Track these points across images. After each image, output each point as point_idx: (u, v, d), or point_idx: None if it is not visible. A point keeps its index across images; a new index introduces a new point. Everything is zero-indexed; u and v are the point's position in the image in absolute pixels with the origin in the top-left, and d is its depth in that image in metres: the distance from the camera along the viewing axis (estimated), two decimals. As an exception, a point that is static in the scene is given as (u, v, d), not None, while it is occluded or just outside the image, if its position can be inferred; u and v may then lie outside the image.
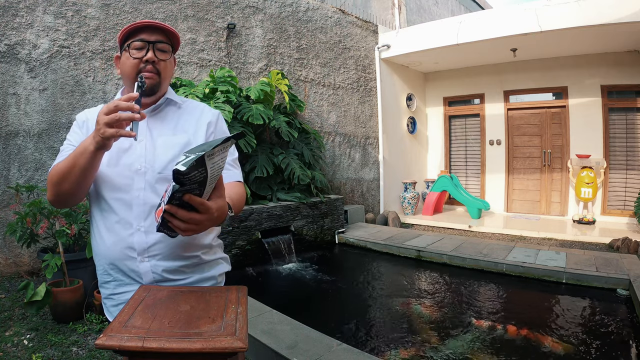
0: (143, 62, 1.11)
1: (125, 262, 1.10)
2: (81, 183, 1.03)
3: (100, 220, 1.13)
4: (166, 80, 1.17)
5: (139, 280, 1.11)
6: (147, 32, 1.12)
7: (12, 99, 3.56)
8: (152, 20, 1.13)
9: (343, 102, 6.48)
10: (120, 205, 1.10)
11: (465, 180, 7.75)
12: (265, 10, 5.43)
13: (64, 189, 1.03)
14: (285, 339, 2.32)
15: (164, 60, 1.14)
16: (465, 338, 2.69)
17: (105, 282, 1.16)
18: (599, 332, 2.75)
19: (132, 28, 1.11)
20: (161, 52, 1.13)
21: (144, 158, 1.11)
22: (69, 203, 1.10)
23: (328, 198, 5.21)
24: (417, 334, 2.78)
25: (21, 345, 2.42)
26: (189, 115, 1.21)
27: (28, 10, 3.61)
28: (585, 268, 3.68)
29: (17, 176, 3.57)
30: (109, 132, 0.90)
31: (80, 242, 3.04)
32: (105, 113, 0.91)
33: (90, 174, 1.03)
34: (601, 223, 6.09)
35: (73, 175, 1.00)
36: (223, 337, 0.80)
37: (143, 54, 1.11)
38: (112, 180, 1.10)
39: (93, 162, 0.99)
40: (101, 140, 0.92)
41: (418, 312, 3.18)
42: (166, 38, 1.15)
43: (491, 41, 5.73)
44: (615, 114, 6.24)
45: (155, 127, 1.16)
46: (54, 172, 1.04)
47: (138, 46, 1.11)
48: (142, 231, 1.09)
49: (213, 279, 1.21)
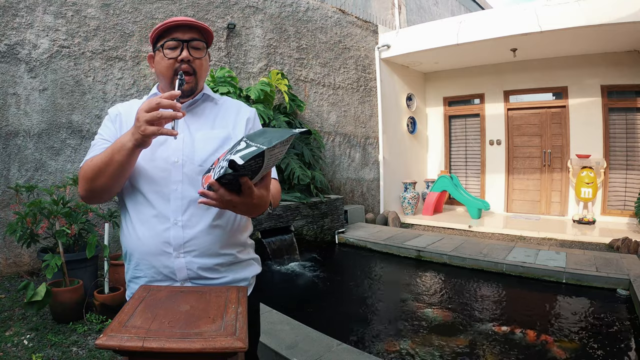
0: (178, 61, 1.09)
1: (160, 258, 1.07)
2: (117, 179, 1.01)
3: (134, 213, 1.10)
4: (202, 78, 1.16)
5: (172, 277, 1.08)
6: (180, 30, 1.10)
7: (12, 99, 3.56)
8: (185, 18, 1.11)
9: (343, 102, 6.48)
10: (157, 199, 1.07)
11: (465, 180, 7.75)
12: (265, 10, 5.43)
13: (99, 184, 1.01)
14: (285, 338, 2.32)
15: (199, 59, 1.12)
16: (466, 338, 2.69)
17: (135, 277, 1.13)
18: (599, 332, 2.75)
19: (164, 27, 1.10)
20: (196, 50, 1.12)
21: (182, 151, 1.09)
22: (102, 198, 1.08)
23: (328, 198, 5.21)
24: (417, 333, 2.78)
25: (21, 345, 2.42)
26: (227, 111, 1.20)
27: (28, 10, 3.61)
28: (586, 268, 3.68)
29: (17, 176, 3.57)
30: (149, 130, 0.89)
31: (80, 242, 3.04)
32: (146, 110, 0.89)
33: (127, 171, 1.01)
34: (601, 223, 6.09)
35: (109, 171, 0.98)
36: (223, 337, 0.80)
37: (177, 53, 1.09)
38: (148, 174, 1.07)
39: (130, 159, 0.97)
40: (141, 137, 0.90)
41: (418, 312, 3.18)
42: (200, 35, 1.13)
43: (491, 41, 5.73)
44: (615, 114, 6.24)
45: (193, 122, 1.15)
46: (87, 168, 1.01)
47: (172, 45, 1.10)
48: (179, 226, 1.06)
49: (246, 281, 1.18)
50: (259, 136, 0.82)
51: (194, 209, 1.07)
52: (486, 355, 2.47)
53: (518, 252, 4.30)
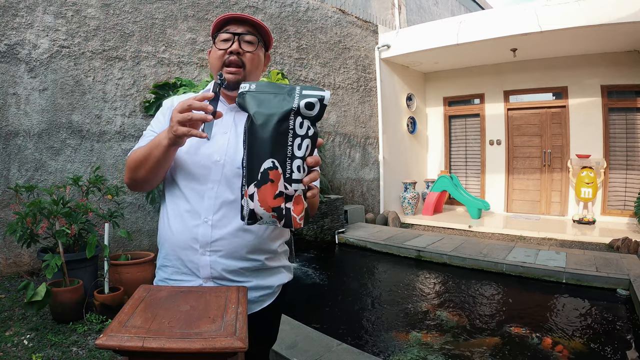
0: (227, 53, 1.09)
1: (187, 252, 1.08)
2: (155, 172, 1.04)
3: (170, 205, 1.12)
4: (253, 73, 1.14)
5: (196, 273, 1.09)
6: (235, 24, 1.12)
7: (12, 99, 3.56)
8: (240, 13, 1.12)
9: (343, 102, 6.48)
10: (192, 195, 1.08)
11: (465, 180, 7.75)
12: (265, 10, 5.43)
13: (140, 175, 1.05)
14: (285, 338, 2.32)
15: (250, 52, 1.11)
16: (465, 337, 2.69)
17: (163, 265, 1.16)
18: (599, 332, 2.75)
19: (220, 21, 1.12)
20: (247, 44, 1.11)
21: (225, 151, 1.08)
22: (144, 188, 1.12)
23: (328, 198, 5.21)
24: (416, 333, 2.78)
25: (21, 345, 2.42)
26: None
27: (28, 10, 3.61)
28: (586, 268, 3.68)
29: (17, 176, 3.57)
30: (180, 131, 0.89)
31: (80, 242, 3.03)
32: (179, 111, 0.90)
33: (164, 166, 1.03)
34: (601, 223, 6.09)
35: (148, 164, 1.01)
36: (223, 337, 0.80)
37: (228, 45, 1.10)
38: (188, 169, 1.08)
39: (167, 156, 0.99)
40: (173, 137, 0.92)
41: (418, 311, 3.18)
42: (254, 30, 1.13)
43: (491, 41, 5.73)
44: (615, 114, 6.24)
45: (242, 122, 1.13)
46: (131, 158, 1.06)
47: (224, 38, 1.11)
48: (209, 224, 1.06)
49: (269, 289, 1.16)
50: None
51: (226, 210, 1.07)
52: (486, 354, 2.47)
53: (518, 252, 4.30)
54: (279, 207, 0.79)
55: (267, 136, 0.77)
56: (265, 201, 0.78)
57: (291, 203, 0.80)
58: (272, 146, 0.77)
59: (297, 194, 0.80)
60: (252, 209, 0.80)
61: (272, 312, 1.18)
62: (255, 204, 0.79)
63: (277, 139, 0.77)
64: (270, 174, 0.77)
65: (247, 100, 0.81)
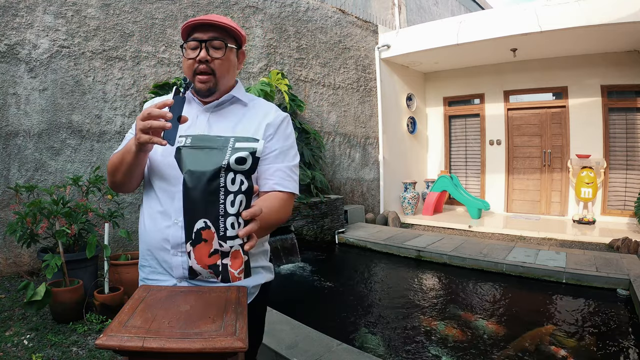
0: (197, 62, 1.09)
1: (160, 252, 1.11)
2: (130, 176, 1.07)
3: (146, 206, 1.16)
4: (224, 78, 1.13)
5: (169, 272, 1.11)
6: (201, 30, 1.10)
7: (12, 99, 3.56)
8: (204, 18, 1.10)
9: (343, 102, 6.48)
10: (164, 196, 1.11)
11: (465, 180, 7.75)
12: (265, 10, 5.43)
13: (117, 179, 1.10)
14: (285, 338, 2.32)
15: (219, 58, 1.10)
16: (465, 336, 2.69)
17: (142, 265, 1.20)
18: (599, 332, 2.75)
19: (186, 28, 1.11)
20: (215, 50, 1.10)
21: None
22: (123, 190, 1.17)
23: (328, 198, 5.21)
24: (416, 333, 2.78)
25: (21, 345, 2.42)
26: (254, 115, 1.17)
27: (28, 10, 3.61)
28: (586, 268, 3.68)
29: (17, 176, 3.57)
30: (143, 139, 0.92)
31: (80, 242, 3.03)
32: (140, 119, 0.91)
33: (137, 170, 1.07)
34: (601, 223, 6.08)
35: (122, 169, 1.06)
36: (223, 337, 0.80)
37: (197, 53, 1.09)
38: (161, 171, 1.11)
39: (137, 161, 1.02)
40: (139, 145, 0.94)
41: (417, 311, 3.18)
42: (221, 34, 1.11)
43: (491, 41, 5.73)
44: (615, 114, 6.24)
45: (216, 124, 1.14)
46: (109, 163, 1.12)
47: (192, 46, 1.11)
48: (179, 225, 1.08)
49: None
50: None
51: None
52: (486, 354, 2.47)
53: (518, 252, 4.30)
54: (215, 265, 0.80)
55: (198, 196, 0.77)
56: (201, 259, 0.80)
57: (228, 259, 0.80)
58: (203, 206, 0.78)
59: (234, 250, 0.80)
60: (191, 266, 0.81)
61: (252, 311, 1.15)
62: (193, 262, 0.81)
63: (207, 199, 0.77)
64: (203, 234, 0.78)
65: (183, 156, 0.82)
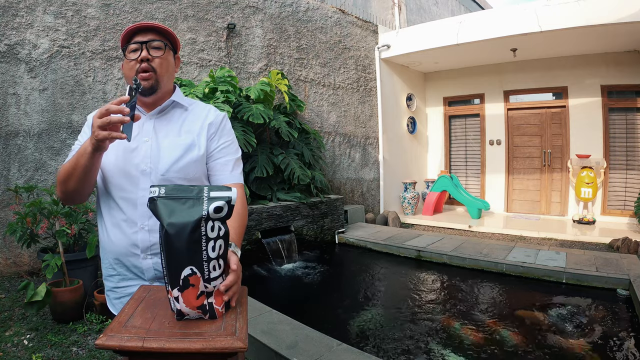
0: (138, 61, 1.14)
1: (129, 259, 1.15)
2: (84, 182, 1.07)
3: (107, 217, 1.17)
4: (164, 77, 1.19)
5: (141, 276, 1.16)
6: (140, 34, 1.16)
7: (12, 99, 3.56)
8: (143, 22, 1.17)
9: (343, 102, 6.48)
10: (126, 204, 1.14)
11: (465, 180, 7.75)
12: (265, 10, 5.43)
13: (69, 187, 1.08)
14: (285, 338, 2.32)
15: (159, 57, 1.17)
16: (465, 336, 2.69)
17: (109, 275, 1.21)
18: (599, 332, 2.75)
19: (126, 33, 1.16)
20: (155, 50, 1.16)
21: (150, 159, 1.14)
22: (75, 200, 1.15)
23: (328, 198, 5.21)
24: (416, 333, 2.78)
25: (21, 345, 2.42)
26: (195, 117, 1.24)
27: (28, 10, 3.61)
28: (585, 268, 3.68)
29: (17, 176, 3.57)
30: (101, 135, 0.94)
31: (80, 242, 3.03)
32: (98, 116, 0.94)
33: (92, 174, 1.07)
34: (601, 223, 6.08)
35: (76, 174, 1.05)
36: (223, 337, 0.80)
37: (138, 54, 1.15)
38: (118, 180, 1.14)
39: (92, 163, 1.02)
40: (96, 142, 0.96)
41: (417, 311, 3.18)
42: (159, 37, 1.18)
43: (491, 41, 5.73)
44: (615, 114, 6.24)
45: (161, 129, 1.19)
46: (61, 171, 1.10)
47: (133, 48, 1.16)
48: (145, 230, 1.12)
49: None
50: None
51: None
52: (486, 354, 2.47)
53: (518, 252, 4.30)
54: (202, 305, 0.86)
55: (182, 246, 0.81)
56: (189, 302, 0.85)
57: (212, 297, 0.87)
58: (189, 254, 0.82)
59: (217, 288, 0.87)
60: (179, 309, 0.85)
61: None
62: (182, 305, 0.85)
63: (191, 248, 0.82)
64: (190, 280, 0.84)
65: (159, 207, 0.84)
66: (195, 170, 1.17)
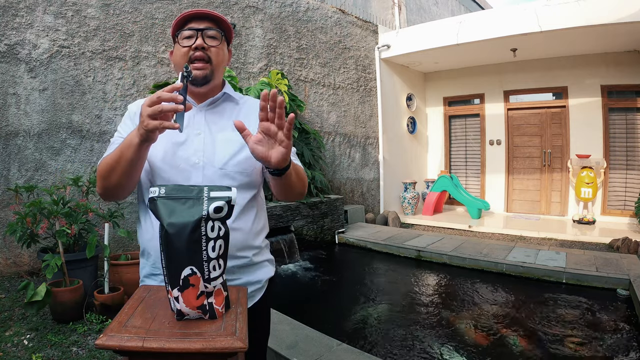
0: (192, 49, 1.09)
1: None
2: (129, 176, 1.01)
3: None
4: (218, 68, 1.14)
5: None
6: (196, 20, 1.11)
7: (12, 99, 3.56)
8: (200, 9, 1.11)
9: (343, 102, 6.48)
10: None
11: (465, 180, 7.75)
12: (265, 10, 5.43)
13: (112, 181, 1.01)
14: (285, 338, 2.32)
15: (215, 47, 1.11)
16: (464, 335, 2.69)
17: (153, 274, 1.14)
18: (599, 332, 2.75)
19: (181, 19, 1.11)
20: (211, 39, 1.11)
21: (203, 152, 1.08)
22: (118, 196, 1.07)
23: (328, 198, 5.21)
24: (416, 332, 2.78)
25: (21, 345, 2.42)
26: (248, 111, 1.19)
27: (28, 10, 3.61)
28: (585, 268, 3.68)
29: (17, 176, 3.57)
30: (152, 124, 0.87)
31: (80, 242, 3.04)
32: (148, 105, 0.88)
33: (138, 167, 1.00)
34: (601, 223, 6.09)
35: (120, 168, 0.98)
36: (223, 337, 0.80)
37: (192, 42, 1.09)
38: (167, 174, 1.07)
39: (139, 155, 0.96)
40: (145, 132, 0.89)
41: (417, 311, 3.18)
42: (216, 25, 1.13)
43: (491, 41, 5.73)
44: (615, 114, 6.24)
45: (215, 122, 1.14)
46: (102, 165, 1.03)
47: (187, 35, 1.10)
48: None
49: (259, 283, 1.18)
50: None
51: None
52: (486, 353, 2.47)
53: (518, 252, 4.30)
54: (202, 305, 0.86)
55: (182, 246, 0.81)
56: (189, 302, 0.84)
57: (212, 297, 0.86)
58: (188, 254, 0.82)
59: (217, 288, 0.86)
60: (179, 309, 0.85)
61: (263, 306, 1.20)
62: (182, 305, 0.84)
63: (191, 248, 0.82)
64: (190, 280, 0.83)
65: (159, 207, 0.83)
66: (252, 164, 1.11)
